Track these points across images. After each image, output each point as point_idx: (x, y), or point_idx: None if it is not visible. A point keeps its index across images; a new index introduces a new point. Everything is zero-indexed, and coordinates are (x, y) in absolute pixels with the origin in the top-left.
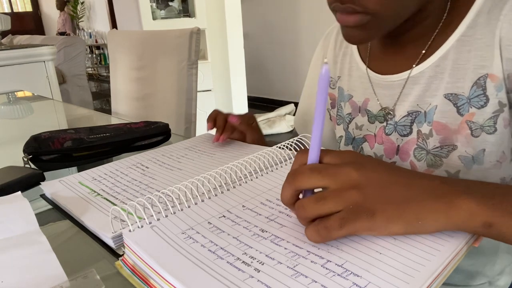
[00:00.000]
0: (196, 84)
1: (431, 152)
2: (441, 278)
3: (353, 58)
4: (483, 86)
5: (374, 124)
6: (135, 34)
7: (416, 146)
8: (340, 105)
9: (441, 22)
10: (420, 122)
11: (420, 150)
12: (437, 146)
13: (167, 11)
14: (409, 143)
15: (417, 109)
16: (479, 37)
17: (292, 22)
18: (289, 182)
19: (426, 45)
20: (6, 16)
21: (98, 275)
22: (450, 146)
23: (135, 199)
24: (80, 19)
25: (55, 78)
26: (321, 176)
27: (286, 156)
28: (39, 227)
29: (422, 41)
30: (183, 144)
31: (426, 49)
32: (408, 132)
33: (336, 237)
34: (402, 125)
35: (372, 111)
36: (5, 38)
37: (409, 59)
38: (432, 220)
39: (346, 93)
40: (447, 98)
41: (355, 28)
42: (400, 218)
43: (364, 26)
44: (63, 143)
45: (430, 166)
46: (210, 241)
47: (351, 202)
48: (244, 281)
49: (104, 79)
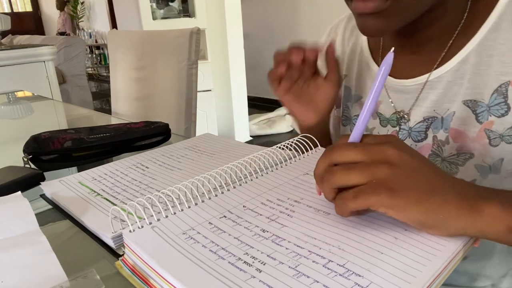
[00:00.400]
0: (196, 84)
1: (446, 159)
2: (442, 278)
3: (363, 57)
4: (504, 94)
5: (386, 128)
6: (135, 34)
7: (430, 152)
8: (346, 106)
9: (461, 23)
10: (436, 128)
11: (435, 157)
12: (453, 153)
13: (167, 11)
14: (423, 149)
15: (434, 115)
16: (502, 42)
17: (292, 22)
18: (325, 155)
19: (445, 48)
20: (6, 16)
21: (98, 275)
22: (467, 154)
23: (135, 199)
24: (80, 19)
25: (55, 78)
26: (357, 151)
27: (286, 156)
28: (39, 227)
29: (441, 43)
30: (183, 144)
31: (445, 52)
32: (423, 138)
33: (351, 209)
34: (417, 131)
35: (384, 114)
36: (5, 38)
37: (427, 62)
38: (454, 218)
39: (354, 94)
40: (466, 104)
41: (373, 16)
42: (422, 205)
43: (383, 13)
44: (63, 143)
45: None
46: (211, 242)
47: (377, 176)
48: (245, 281)
49: (104, 79)
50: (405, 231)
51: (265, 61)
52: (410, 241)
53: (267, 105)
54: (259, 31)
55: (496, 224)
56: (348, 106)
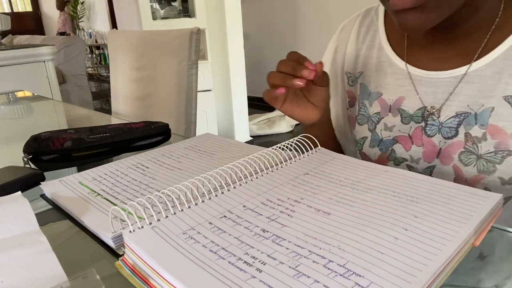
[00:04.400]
0: (196, 84)
1: (483, 157)
2: (441, 278)
3: (383, 52)
4: None
5: (409, 124)
6: (135, 34)
7: (463, 149)
8: (363, 104)
9: (497, 17)
10: (469, 124)
11: (469, 154)
12: (491, 151)
13: (167, 11)
14: (453, 146)
15: (467, 110)
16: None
17: (292, 22)
18: None
19: (482, 41)
20: (6, 16)
21: (98, 275)
22: (505, 151)
23: (135, 199)
24: (80, 19)
25: (55, 78)
26: None
27: (286, 156)
28: (39, 227)
29: (477, 36)
30: (183, 144)
31: (483, 46)
32: (454, 135)
33: None
34: (448, 127)
35: (407, 110)
36: (5, 38)
37: (463, 55)
38: None
39: (373, 91)
40: (506, 100)
41: (412, 11)
42: None
43: (423, 7)
44: (63, 143)
45: (481, 172)
46: (211, 241)
47: None
48: (246, 281)
49: (104, 79)
50: (406, 231)
51: (265, 61)
52: (410, 241)
53: (267, 105)
54: (259, 31)
55: None
56: (365, 104)
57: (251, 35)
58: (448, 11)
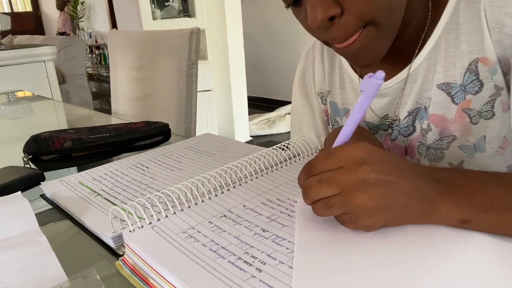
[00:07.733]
0: (196, 84)
1: (431, 146)
2: None
3: (344, 70)
4: (475, 71)
5: (378, 133)
6: (135, 34)
7: (418, 143)
8: (335, 120)
9: (428, 19)
10: (422, 119)
11: (423, 147)
12: (437, 139)
13: (167, 11)
14: (414, 141)
15: (417, 106)
16: (463, 21)
17: (292, 22)
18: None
19: (418, 42)
20: (6, 16)
21: (98, 275)
22: (449, 137)
23: (135, 199)
24: (80, 19)
25: (55, 78)
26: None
27: (286, 156)
28: (39, 227)
29: (415, 39)
30: (183, 144)
31: (419, 46)
32: (412, 131)
33: (323, 215)
34: (405, 126)
35: (372, 122)
36: (5, 38)
37: (404, 59)
38: (417, 219)
39: (341, 108)
40: (440, 88)
41: (362, 48)
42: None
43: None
44: (63, 143)
45: (432, 160)
46: (211, 240)
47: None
48: (245, 281)
49: (104, 79)
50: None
51: (265, 61)
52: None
53: (267, 105)
54: (259, 31)
55: (450, 219)
56: (337, 121)
57: (251, 35)
58: (393, 34)
